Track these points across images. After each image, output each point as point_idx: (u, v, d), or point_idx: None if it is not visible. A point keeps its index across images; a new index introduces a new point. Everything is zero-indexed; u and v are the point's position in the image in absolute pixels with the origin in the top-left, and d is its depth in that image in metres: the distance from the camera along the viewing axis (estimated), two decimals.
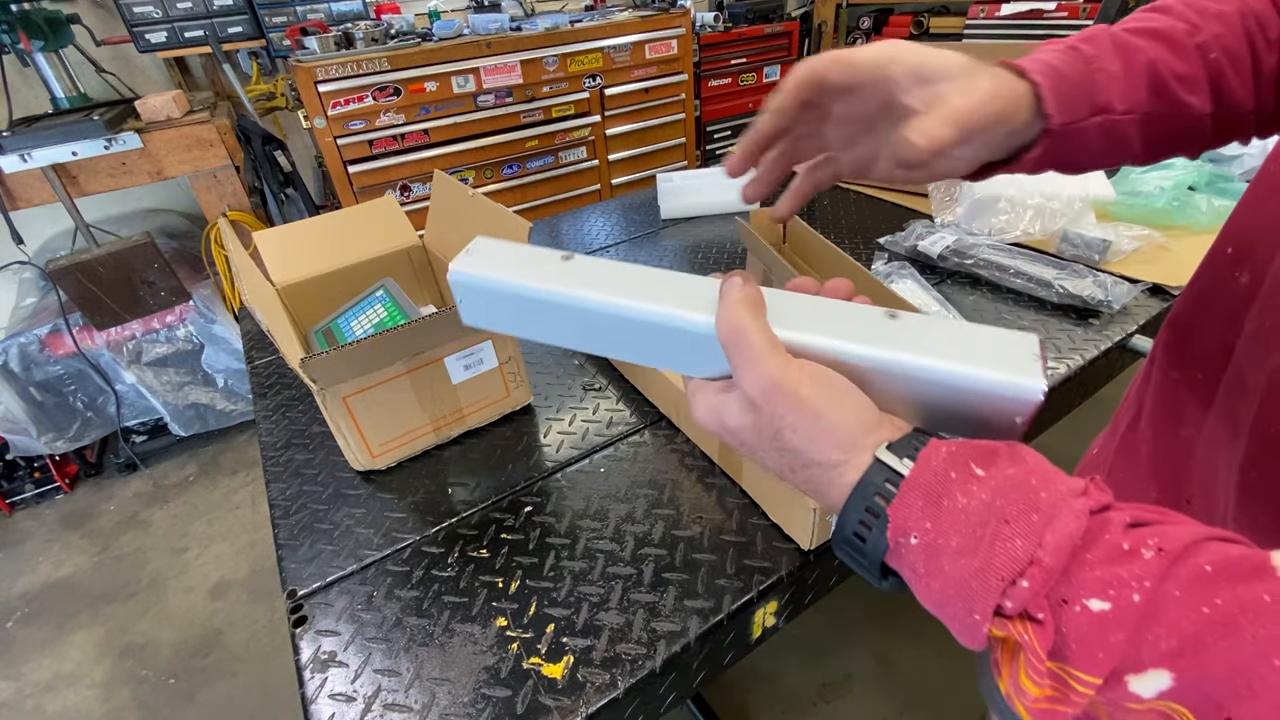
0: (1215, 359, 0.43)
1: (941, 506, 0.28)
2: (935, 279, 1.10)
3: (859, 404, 0.33)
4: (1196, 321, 0.46)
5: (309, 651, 0.61)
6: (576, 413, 0.89)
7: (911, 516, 0.29)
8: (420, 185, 2.40)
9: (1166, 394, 0.49)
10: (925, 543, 0.29)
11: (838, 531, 0.32)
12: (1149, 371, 0.53)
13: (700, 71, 3.01)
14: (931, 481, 0.29)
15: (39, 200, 1.89)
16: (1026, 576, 0.26)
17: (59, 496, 2.28)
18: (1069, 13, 2.47)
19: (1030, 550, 0.26)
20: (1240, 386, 0.41)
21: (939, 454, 0.30)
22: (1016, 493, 0.28)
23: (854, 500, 0.31)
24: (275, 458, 0.87)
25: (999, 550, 0.27)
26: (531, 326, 0.41)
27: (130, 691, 1.63)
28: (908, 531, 0.29)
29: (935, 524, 0.28)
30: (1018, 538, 0.26)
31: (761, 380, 0.32)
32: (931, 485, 0.29)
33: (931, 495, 0.29)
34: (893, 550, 0.30)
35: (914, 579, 0.30)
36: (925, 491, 0.29)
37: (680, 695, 0.62)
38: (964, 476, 0.29)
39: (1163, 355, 0.50)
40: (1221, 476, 0.42)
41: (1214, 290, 0.44)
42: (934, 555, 0.28)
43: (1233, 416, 0.41)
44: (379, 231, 1.03)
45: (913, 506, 0.29)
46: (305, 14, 2.28)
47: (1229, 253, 0.43)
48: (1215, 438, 0.43)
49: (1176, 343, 0.48)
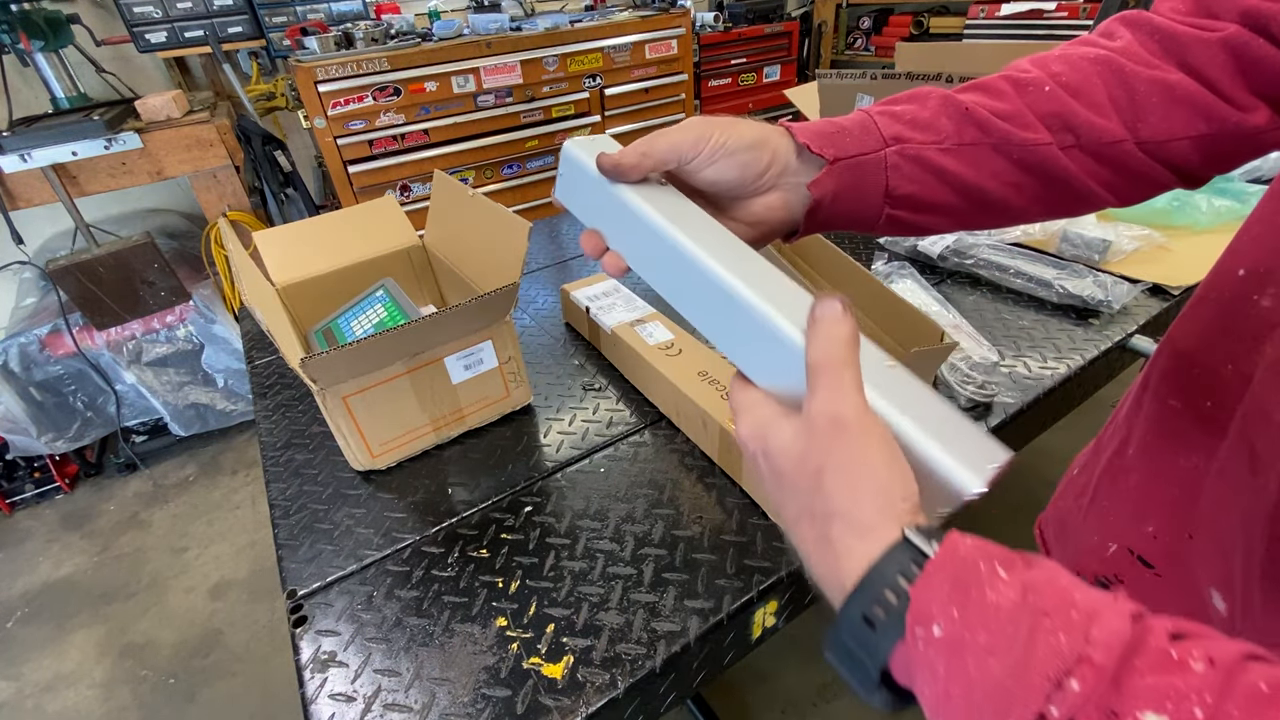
0: (1229, 387, 0.40)
1: (969, 596, 0.26)
2: (935, 279, 1.10)
3: (908, 478, 0.31)
4: (1203, 347, 0.43)
5: (309, 651, 0.61)
6: (576, 413, 0.89)
7: (936, 601, 0.26)
8: (420, 185, 2.40)
9: (1163, 423, 0.47)
10: (950, 635, 0.25)
11: (844, 614, 0.29)
12: (1140, 398, 0.50)
13: (700, 71, 3.01)
14: (959, 569, 0.27)
15: (39, 200, 1.89)
16: (1076, 676, 0.23)
17: (59, 496, 2.28)
18: (1069, 13, 2.47)
19: (1077, 646, 0.23)
20: (1263, 419, 0.38)
21: (965, 543, 0.28)
22: (1050, 588, 0.25)
23: (873, 577, 0.28)
24: (275, 458, 0.87)
25: (1040, 644, 0.24)
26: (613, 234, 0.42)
27: (130, 691, 1.63)
28: (931, 618, 0.26)
29: (962, 614, 0.26)
30: (1060, 631, 0.24)
31: (837, 410, 0.30)
32: (959, 572, 0.26)
33: (959, 582, 0.26)
34: (906, 643, 0.27)
35: (929, 681, 0.26)
36: (953, 577, 0.26)
37: (680, 695, 0.62)
38: (990, 571, 0.26)
39: (1159, 382, 0.48)
40: (1242, 517, 0.39)
41: (1226, 315, 0.42)
42: (958, 652, 0.25)
43: (1252, 451, 0.38)
44: (379, 231, 1.03)
45: (938, 590, 0.26)
46: (305, 14, 2.28)
47: (1240, 274, 0.41)
48: (1230, 472, 0.41)
49: (1177, 370, 0.46)
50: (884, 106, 0.46)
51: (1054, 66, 0.44)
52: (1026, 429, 0.87)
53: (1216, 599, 0.41)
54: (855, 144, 0.44)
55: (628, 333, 0.91)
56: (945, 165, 0.44)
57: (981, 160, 0.44)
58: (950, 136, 0.44)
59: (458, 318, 0.75)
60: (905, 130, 0.44)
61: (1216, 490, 0.42)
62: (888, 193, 0.45)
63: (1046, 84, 0.44)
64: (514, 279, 0.76)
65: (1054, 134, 0.43)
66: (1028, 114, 0.43)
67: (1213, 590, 0.42)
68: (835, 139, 0.44)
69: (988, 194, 0.45)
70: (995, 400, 0.83)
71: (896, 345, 0.81)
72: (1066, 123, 0.43)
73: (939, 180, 0.44)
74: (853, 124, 0.45)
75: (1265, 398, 0.38)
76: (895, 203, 0.46)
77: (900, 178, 0.44)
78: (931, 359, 0.71)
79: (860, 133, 0.44)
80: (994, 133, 0.43)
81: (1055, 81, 0.43)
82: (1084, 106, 0.43)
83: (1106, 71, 0.43)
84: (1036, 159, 0.43)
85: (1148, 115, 0.42)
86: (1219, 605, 0.41)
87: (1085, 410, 0.98)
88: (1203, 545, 0.43)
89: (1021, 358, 0.90)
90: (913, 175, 0.44)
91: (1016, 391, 0.84)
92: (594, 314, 0.97)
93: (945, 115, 0.44)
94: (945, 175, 0.44)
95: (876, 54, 3.38)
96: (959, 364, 0.83)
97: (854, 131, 0.44)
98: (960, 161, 0.44)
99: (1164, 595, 0.46)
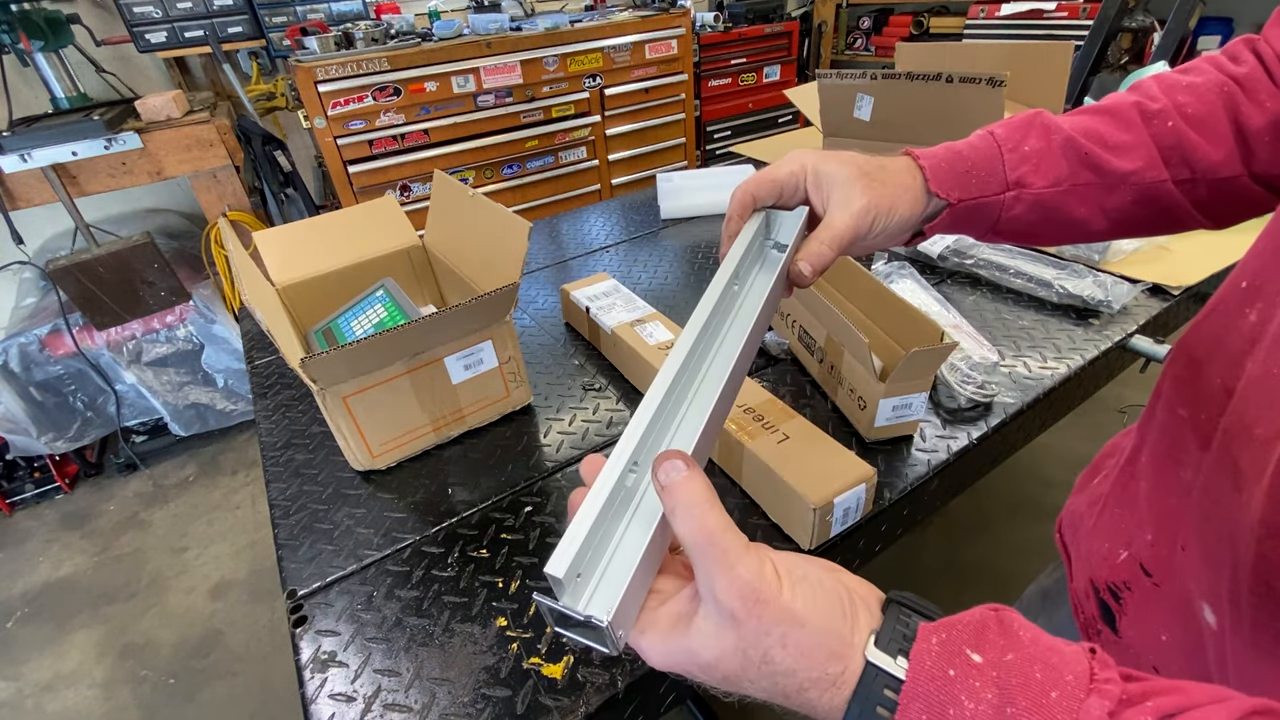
0: (1218, 400, 0.41)
1: (949, 717, 0.26)
2: (935, 279, 1.10)
3: (833, 589, 0.30)
4: (1205, 358, 0.43)
5: (309, 651, 0.61)
6: (576, 413, 0.89)
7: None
8: (420, 185, 2.40)
9: (1170, 432, 0.47)
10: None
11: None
12: (1154, 405, 0.51)
13: (700, 71, 3.01)
14: (932, 688, 0.27)
15: (39, 200, 1.89)
16: None
17: (59, 496, 2.28)
18: (1069, 13, 2.47)
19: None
20: (1244, 435, 0.37)
21: (931, 650, 0.28)
22: (1025, 696, 0.25)
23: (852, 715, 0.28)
24: (275, 458, 0.87)
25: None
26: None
27: (130, 691, 1.63)
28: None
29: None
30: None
31: (743, 589, 0.29)
32: (933, 693, 0.27)
33: (935, 706, 0.26)
34: None
35: None
36: (928, 702, 0.27)
37: (680, 695, 0.62)
38: (963, 671, 0.27)
39: (1170, 390, 0.47)
40: (1228, 532, 0.39)
41: (1224, 326, 0.42)
42: None
43: (1234, 466, 0.38)
44: (379, 231, 1.03)
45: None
46: (305, 14, 2.28)
47: (1242, 287, 0.41)
48: (1214, 486, 0.41)
49: (1185, 379, 0.46)
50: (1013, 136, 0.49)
51: (1180, 97, 0.47)
52: (1026, 429, 0.87)
53: (1207, 612, 0.41)
54: (979, 185, 0.48)
55: (628, 333, 0.91)
56: (1057, 205, 0.48)
57: (1091, 197, 0.48)
58: (1067, 179, 0.48)
59: (458, 318, 0.75)
60: (1029, 173, 0.48)
61: (1202, 504, 0.42)
62: (995, 228, 0.49)
63: (1171, 118, 0.47)
64: (514, 279, 0.76)
65: (1171, 168, 0.46)
66: (1150, 146, 0.47)
67: (1203, 604, 0.41)
68: (963, 180, 0.48)
69: (1087, 226, 0.49)
70: (995, 400, 0.83)
71: (896, 345, 0.81)
72: (1185, 157, 0.46)
73: (1045, 217, 0.48)
74: (981, 158, 0.48)
75: (1245, 413, 0.38)
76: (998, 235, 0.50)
77: (1011, 217, 0.48)
78: (931, 359, 0.71)
79: (986, 172, 0.48)
80: (1109, 175, 0.47)
81: (1180, 114, 0.46)
82: (1205, 140, 0.45)
83: (1230, 102, 0.46)
84: (1151, 195, 0.47)
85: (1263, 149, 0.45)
86: (1209, 619, 0.41)
87: (1085, 410, 0.98)
88: (1193, 558, 0.43)
89: (1021, 358, 0.90)
90: (1023, 215, 0.48)
91: (1016, 391, 0.84)
92: (594, 314, 0.97)
93: (1065, 156, 0.48)
94: (1054, 213, 0.48)
95: (876, 54, 3.38)
96: (959, 364, 0.83)
97: (980, 171, 0.48)
98: (1072, 199, 0.48)
99: (1164, 606, 0.46)
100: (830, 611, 0.29)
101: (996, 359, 0.88)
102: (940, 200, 0.48)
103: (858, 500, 0.66)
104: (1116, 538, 0.51)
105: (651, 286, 1.19)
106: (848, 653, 0.28)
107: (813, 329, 0.86)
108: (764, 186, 0.49)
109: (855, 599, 0.30)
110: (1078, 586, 0.56)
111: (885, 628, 0.29)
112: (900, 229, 0.49)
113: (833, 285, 0.91)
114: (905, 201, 0.48)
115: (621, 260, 1.31)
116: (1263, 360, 0.37)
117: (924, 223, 0.50)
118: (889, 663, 0.28)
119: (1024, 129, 0.50)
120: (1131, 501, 0.51)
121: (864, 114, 1.38)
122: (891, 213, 0.47)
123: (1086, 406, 0.97)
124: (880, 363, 0.73)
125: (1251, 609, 0.37)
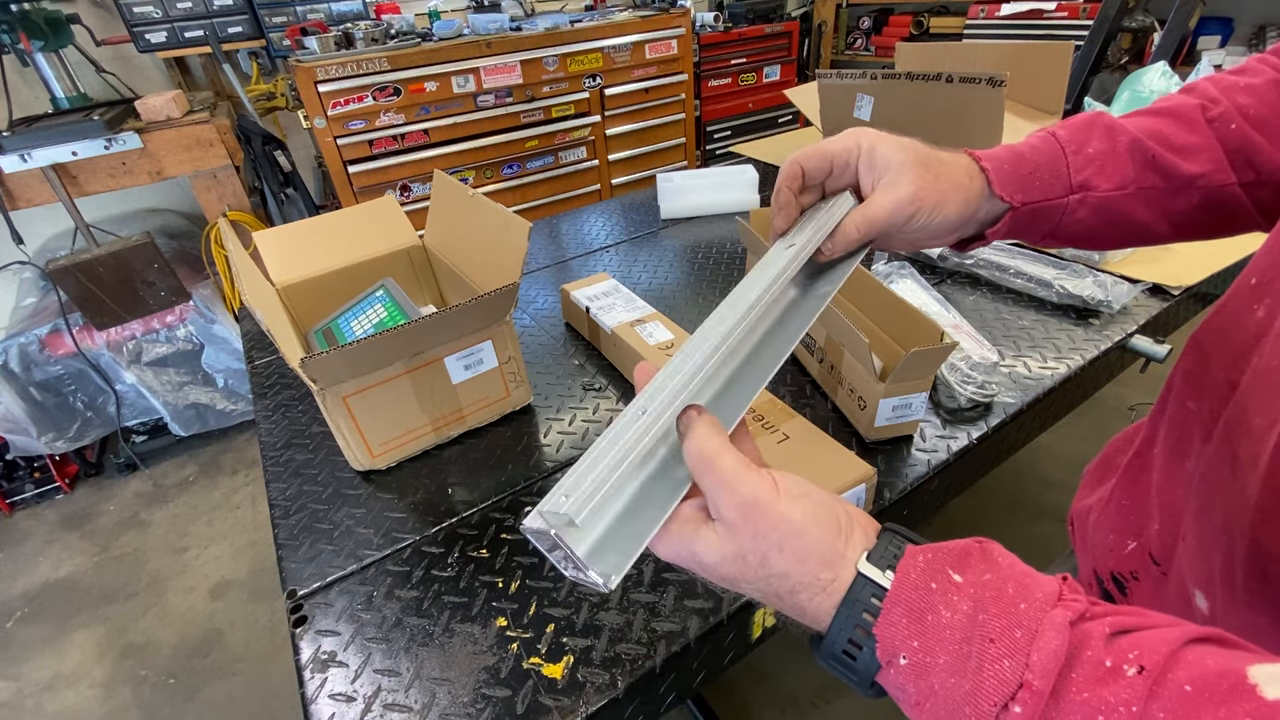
0: (1222, 392, 0.41)
1: (926, 623, 0.29)
2: (935, 279, 1.10)
3: (831, 507, 0.33)
4: (1215, 352, 0.44)
5: (309, 651, 0.61)
6: (576, 413, 0.89)
7: (899, 636, 0.29)
8: (420, 185, 2.40)
9: (1179, 424, 0.48)
10: (914, 663, 0.29)
11: (825, 648, 0.32)
12: (1165, 398, 0.51)
13: (700, 71, 3.01)
14: (914, 596, 0.30)
15: (39, 200, 1.89)
16: (1018, 701, 0.26)
17: (59, 496, 2.28)
18: (1069, 13, 2.47)
19: (1018, 672, 0.27)
20: (1243, 426, 0.38)
21: (917, 565, 0.30)
22: (996, 605, 0.28)
23: (840, 620, 0.31)
24: (275, 458, 0.87)
25: (987, 673, 0.27)
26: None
27: (130, 691, 1.63)
28: (896, 651, 0.29)
29: (922, 642, 0.29)
30: (1004, 658, 0.27)
31: (740, 498, 0.32)
32: (914, 601, 0.30)
33: (915, 611, 0.29)
34: (883, 670, 0.30)
35: (903, 700, 0.30)
36: (909, 608, 0.30)
37: (680, 695, 0.62)
38: (944, 586, 0.30)
39: (1181, 382, 0.48)
40: (1224, 520, 0.40)
41: (1233, 320, 0.43)
42: (923, 675, 0.29)
43: (1233, 456, 0.39)
44: (379, 231, 1.03)
45: (898, 625, 0.29)
46: (305, 14, 2.28)
47: (1252, 283, 0.42)
48: (1213, 476, 0.42)
49: (1194, 372, 0.47)
50: (1076, 138, 0.48)
51: (1240, 98, 0.47)
52: (1026, 429, 0.87)
53: (1199, 598, 0.42)
54: (1042, 188, 0.47)
55: (628, 333, 0.91)
56: (1121, 209, 0.47)
57: (1156, 200, 0.47)
58: (1133, 181, 0.47)
59: (458, 318, 0.75)
60: (1093, 176, 0.47)
61: (1202, 493, 0.43)
62: (1054, 232, 0.48)
63: (1234, 120, 0.46)
64: (514, 279, 0.76)
65: (1237, 170, 0.46)
66: (1217, 149, 0.46)
67: (1195, 590, 0.42)
68: (1026, 182, 0.47)
69: (1150, 229, 0.48)
70: (995, 400, 0.83)
71: (896, 345, 0.81)
72: (1250, 159, 0.46)
73: (1108, 221, 0.48)
74: (1044, 160, 0.47)
75: (1246, 404, 0.39)
76: (1055, 239, 0.49)
77: (1074, 220, 0.47)
78: (931, 359, 0.71)
79: (1050, 175, 0.47)
80: (1176, 178, 0.46)
81: (1242, 115, 0.46)
82: (1269, 142, 0.45)
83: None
84: (1216, 198, 0.47)
85: None
86: (1201, 605, 0.42)
87: (1085, 410, 0.98)
88: (1190, 546, 0.43)
89: (1021, 358, 0.90)
90: (1085, 218, 0.47)
91: (1016, 391, 0.84)
92: (594, 314, 0.97)
93: (1131, 159, 0.47)
94: (1117, 217, 0.47)
95: (876, 54, 3.38)
96: (959, 364, 0.83)
97: (1044, 172, 0.47)
98: (1136, 203, 0.47)
99: (1169, 594, 0.46)
100: (827, 525, 0.32)
101: (996, 359, 0.88)
102: (1001, 203, 0.46)
103: (858, 500, 0.66)
104: (1125, 529, 0.52)
105: (651, 286, 1.19)
106: (840, 563, 0.32)
107: (813, 329, 0.86)
108: (814, 159, 0.48)
109: (853, 521, 0.33)
110: (1081, 578, 0.57)
111: (878, 548, 0.32)
112: (943, 229, 0.47)
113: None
114: (955, 200, 0.46)
115: (621, 260, 1.31)
116: (1267, 354, 0.38)
117: (977, 226, 0.49)
118: (877, 574, 0.31)
119: (1086, 130, 0.49)
120: (1143, 493, 0.52)
121: (864, 114, 1.38)
122: (937, 209, 0.45)
123: (1086, 406, 0.97)
124: (880, 363, 0.74)
125: (1246, 594, 0.38)
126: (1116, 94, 1.40)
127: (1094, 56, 1.98)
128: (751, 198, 1.45)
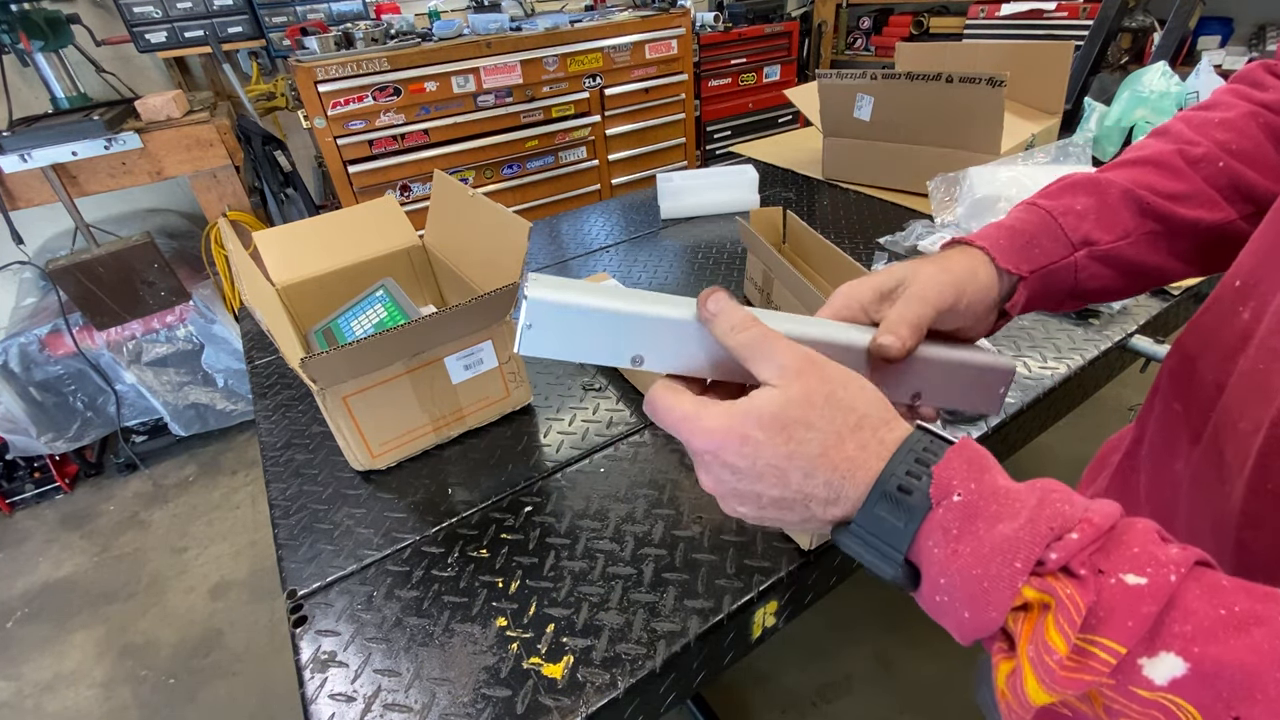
0: (1209, 394, 0.42)
1: (984, 476, 0.30)
2: None
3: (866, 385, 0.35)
4: (1200, 354, 0.45)
5: (309, 651, 0.61)
6: (576, 413, 0.89)
7: (957, 476, 0.30)
8: (420, 185, 2.40)
9: (1166, 426, 0.48)
10: (966, 502, 0.29)
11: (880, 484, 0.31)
12: (1152, 399, 0.52)
13: (700, 71, 3.01)
14: (974, 454, 0.31)
15: (39, 200, 1.89)
16: (1076, 530, 0.27)
17: (59, 496, 2.28)
18: (1069, 13, 2.47)
19: (1079, 512, 0.27)
20: (1230, 428, 0.39)
21: (972, 443, 0.32)
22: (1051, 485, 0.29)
23: (903, 453, 0.32)
24: (275, 458, 0.87)
25: (1047, 507, 0.28)
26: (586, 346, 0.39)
27: (130, 691, 1.63)
28: (951, 489, 0.30)
29: (979, 487, 0.29)
30: (1065, 503, 0.28)
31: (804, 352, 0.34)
32: (975, 457, 0.31)
33: (975, 465, 0.30)
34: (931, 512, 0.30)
35: (942, 541, 0.29)
36: (969, 460, 0.30)
37: (680, 695, 0.62)
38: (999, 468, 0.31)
39: (1167, 384, 0.49)
40: (1212, 522, 0.41)
41: (1217, 323, 0.43)
42: (971, 516, 0.29)
43: (1220, 458, 0.40)
44: (379, 231, 1.03)
45: (958, 469, 0.30)
46: (305, 14, 2.28)
47: (1236, 286, 0.42)
48: (1200, 477, 0.42)
49: (1181, 374, 0.47)
50: (1060, 201, 0.49)
51: (1218, 134, 0.47)
52: (1026, 429, 0.87)
53: None
54: (1044, 254, 0.47)
55: None
56: (1132, 258, 0.47)
57: (1161, 245, 0.48)
58: (1134, 230, 0.47)
59: (458, 318, 0.75)
60: (1092, 230, 0.47)
61: (1190, 495, 0.43)
62: (1074, 291, 0.48)
63: (1220, 159, 0.46)
64: (514, 279, 0.76)
65: (1234, 206, 0.47)
66: (1209, 191, 0.47)
67: None
68: (1027, 251, 0.47)
69: (1164, 271, 0.49)
70: None
71: None
72: (1246, 194, 0.46)
73: (1122, 271, 0.48)
74: (1035, 228, 0.47)
75: (1232, 407, 0.39)
76: (1081, 300, 0.49)
77: (1089, 276, 0.48)
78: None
79: (1048, 239, 0.47)
80: (1175, 223, 0.47)
81: (1226, 152, 0.46)
82: (1259, 173, 0.46)
83: (1270, 129, 0.47)
84: (1220, 234, 0.47)
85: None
86: None
87: (1085, 410, 0.98)
88: None
89: (1021, 358, 0.90)
90: (1100, 273, 0.48)
91: (1016, 391, 0.84)
92: None
93: (1127, 209, 0.47)
94: (1129, 265, 0.47)
95: (876, 54, 3.38)
96: None
97: (1041, 239, 0.47)
98: (1142, 249, 0.47)
99: None
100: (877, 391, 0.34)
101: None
102: (1011, 276, 0.46)
103: None
104: None
105: (651, 287, 1.19)
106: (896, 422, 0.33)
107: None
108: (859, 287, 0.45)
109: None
110: None
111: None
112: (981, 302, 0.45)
113: (832, 285, 0.91)
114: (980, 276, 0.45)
115: (621, 260, 1.31)
116: (1253, 357, 0.38)
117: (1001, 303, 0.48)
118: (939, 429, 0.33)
119: (1067, 191, 0.49)
120: (1132, 494, 0.52)
121: (864, 114, 1.38)
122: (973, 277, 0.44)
123: (1086, 406, 0.97)
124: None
125: None
126: (1116, 94, 1.40)
127: (1094, 56, 1.98)
128: (751, 198, 1.45)
